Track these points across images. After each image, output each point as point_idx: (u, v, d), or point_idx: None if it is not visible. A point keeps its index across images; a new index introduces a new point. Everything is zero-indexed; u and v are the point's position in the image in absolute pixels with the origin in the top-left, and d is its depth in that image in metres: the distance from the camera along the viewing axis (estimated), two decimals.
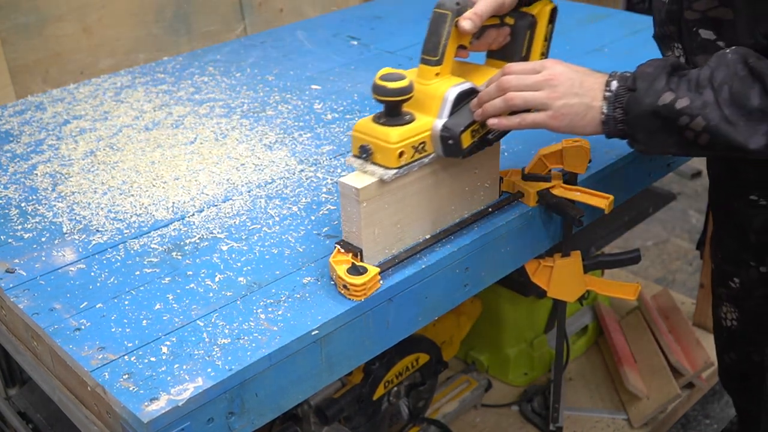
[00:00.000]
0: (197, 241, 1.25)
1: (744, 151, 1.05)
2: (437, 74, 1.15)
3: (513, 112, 1.15)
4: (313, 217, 1.30)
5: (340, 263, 1.11)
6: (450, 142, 1.12)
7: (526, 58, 1.27)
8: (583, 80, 1.13)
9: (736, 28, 1.13)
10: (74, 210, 1.35)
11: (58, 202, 1.38)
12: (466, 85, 1.16)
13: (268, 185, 1.41)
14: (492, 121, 1.14)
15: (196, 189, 1.40)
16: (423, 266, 1.16)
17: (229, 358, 0.99)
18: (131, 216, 1.33)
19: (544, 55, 1.29)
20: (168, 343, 1.02)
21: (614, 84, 1.12)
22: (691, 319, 2.39)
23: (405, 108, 1.12)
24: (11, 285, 1.16)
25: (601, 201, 1.30)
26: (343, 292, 1.10)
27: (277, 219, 1.30)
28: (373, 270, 1.10)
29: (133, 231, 1.29)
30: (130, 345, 1.02)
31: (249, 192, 1.39)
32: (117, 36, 2.21)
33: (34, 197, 1.40)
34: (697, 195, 3.41)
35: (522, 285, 1.90)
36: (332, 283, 1.13)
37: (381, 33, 2.18)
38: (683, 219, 3.29)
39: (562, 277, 1.40)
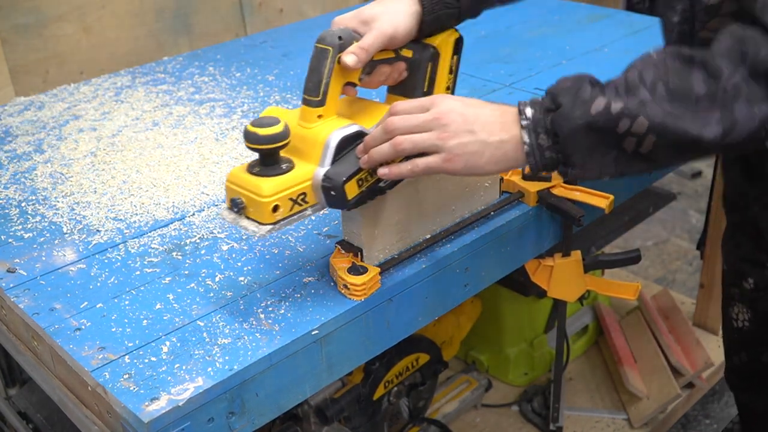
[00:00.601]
0: (197, 240, 1.25)
1: (699, 143, 0.94)
2: (320, 116, 1.05)
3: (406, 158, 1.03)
4: (313, 217, 1.30)
5: (341, 263, 1.11)
6: (332, 193, 1.01)
7: (428, 94, 1.17)
8: (477, 114, 1.01)
9: None
10: (74, 210, 1.35)
11: (59, 202, 1.38)
12: (352, 129, 1.04)
13: None
14: (382, 171, 1.03)
15: (196, 189, 1.40)
16: (423, 266, 1.16)
17: (230, 358, 0.99)
18: (131, 216, 1.33)
19: (450, 89, 1.19)
20: (168, 343, 1.02)
21: (529, 111, 1.00)
22: (691, 319, 2.39)
23: (285, 154, 1.02)
24: (11, 285, 1.16)
25: (601, 201, 1.30)
26: (343, 291, 1.10)
27: None
28: (373, 270, 1.10)
29: (133, 231, 1.29)
30: (130, 345, 1.02)
31: None
32: (117, 36, 2.21)
33: (35, 197, 1.40)
34: (697, 195, 3.41)
35: (522, 285, 1.90)
36: (332, 283, 1.13)
37: None
38: (683, 219, 3.29)
39: (562, 277, 1.40)
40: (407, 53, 1.14)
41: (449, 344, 2.02)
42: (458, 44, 1.18)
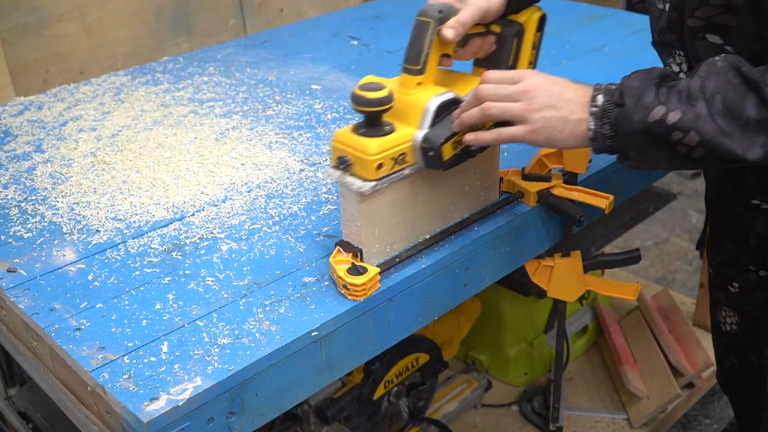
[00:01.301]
0: (197, 241, 1.25)
1: (742, 162, 1.02)
2: (419, 84, 1.12)
3: (494, 125, 1.11)
4: (313, 217, 1.30)
5: (340, 263, 1.11)
6: (430, 153, 1.10)
7: (513, 67, 1.23)
8: (561, 92, 1.08)
9: (741, 34, 1.10)
10: (74, 210, 1.35)
11: (58, 202, 1.38)
12: (448, 96, 1.13)
13: (268, 185, 1.41)
14: (468, 137, 1.11)
15: (196, 189, 1.40)
16: (423, 266, 1.16)
17: (229, 358, 0.99)
18: (131, 216, 1.33)
19: (532, 63, 1.26)
20: (168, 343, 1.02)
21: (600, 98, 1.06)
22: (691, 319, 2.39)
23: (386, 118, 1.09)
24: (11, 285, 1.16)
25: (601, 201, 1.30)
26: (343, 292, 1.10)
27: (277, 219, 1.30)
28: (373, 270, 1.10)
29: (133, 231, 1.29)
30: (130, 345, 1.02)
31: (249, 192, 1.39)
32: (117, 36, 2.21)
33: (34, 197, 1.40)
34: (697, 195, 3.41)
35: (522, 285, 1.90)
36: (331, 283, 1.13)
37: (381, 33, 2.18)
38: (683, 219, 3.29)
39: (562, 277, 1.40)
40: (496, 28, 1.21)
41: (449, 344, 2.02)
42: (542, 22, 1.24)
